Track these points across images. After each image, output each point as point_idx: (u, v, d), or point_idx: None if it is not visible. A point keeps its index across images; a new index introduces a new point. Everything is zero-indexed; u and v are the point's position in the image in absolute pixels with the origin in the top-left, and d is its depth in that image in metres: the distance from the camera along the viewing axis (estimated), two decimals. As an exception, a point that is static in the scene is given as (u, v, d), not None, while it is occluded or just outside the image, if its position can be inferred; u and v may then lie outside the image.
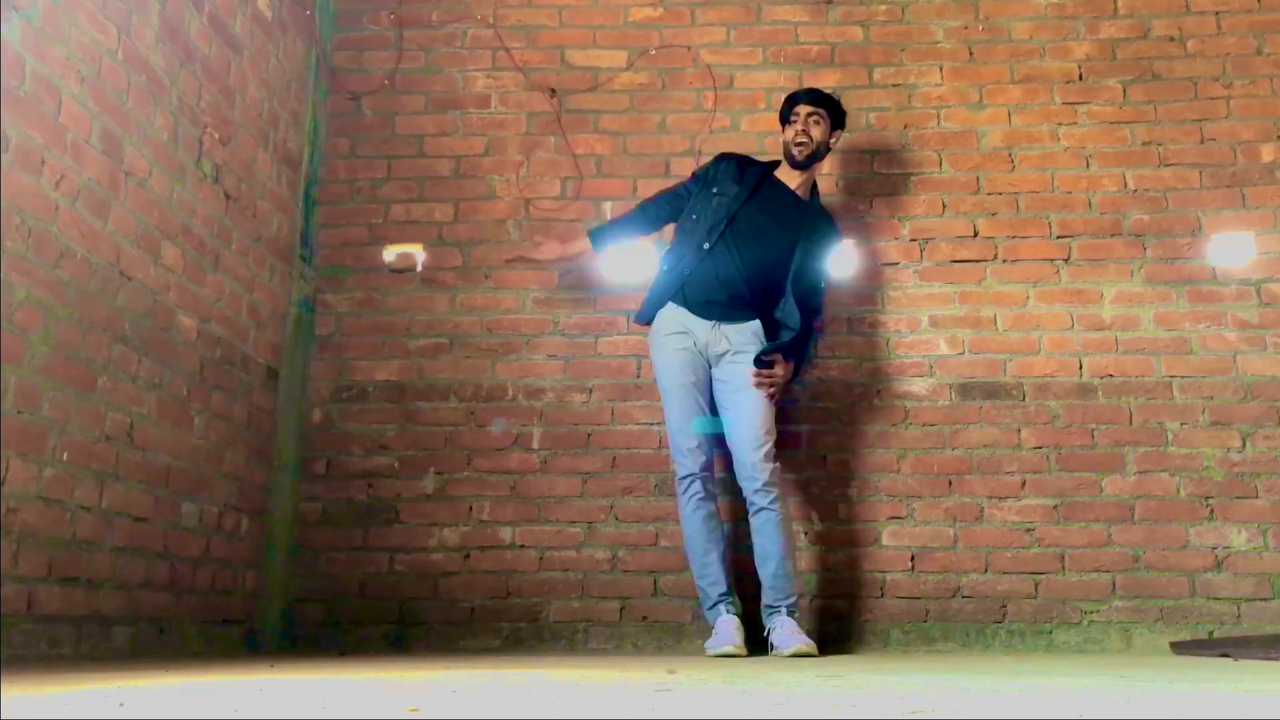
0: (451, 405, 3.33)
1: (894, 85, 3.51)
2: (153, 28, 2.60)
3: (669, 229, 3.17)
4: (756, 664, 2.27)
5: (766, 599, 2.82)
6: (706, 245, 2.96)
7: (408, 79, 3.59)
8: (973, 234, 3.39)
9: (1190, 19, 3.49)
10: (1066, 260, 3.34)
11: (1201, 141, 3.39)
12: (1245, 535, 3.08)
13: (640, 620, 3.15)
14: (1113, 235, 3.35)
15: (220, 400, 2.90)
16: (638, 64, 3.57)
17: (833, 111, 3.07)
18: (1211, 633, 3.02)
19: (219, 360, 2.90)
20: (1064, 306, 3.30)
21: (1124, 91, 3.46)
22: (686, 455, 2.87)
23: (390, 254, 3.45)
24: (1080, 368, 3.25)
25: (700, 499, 2.86)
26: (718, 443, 2.95)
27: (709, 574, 2.85)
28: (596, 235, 3.17)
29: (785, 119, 3.08)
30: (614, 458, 3.25)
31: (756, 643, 2.80)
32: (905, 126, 3.48)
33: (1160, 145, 3.40)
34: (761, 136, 3.47)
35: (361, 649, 3.11)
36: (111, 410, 2.40)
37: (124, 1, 2.47)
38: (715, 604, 2.84)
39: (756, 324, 2.97)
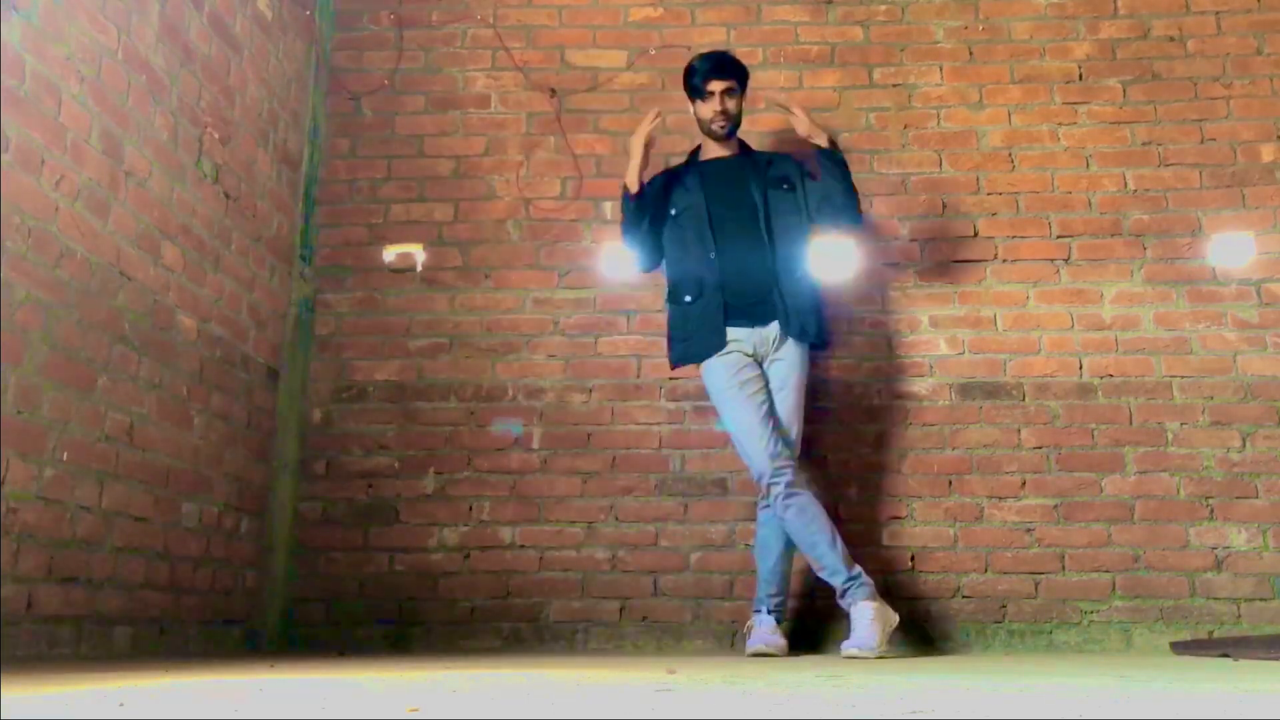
0: (451, 405, 3.33)
1: (894, 85, 3.51)
2: (153, 28, 2.60)
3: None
4: (756, 664, 2.27)
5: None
6: (712, 255, 2.93)
7: (408, 79, 3.59)
8: (973, 234, 3.39)
9: (1190, 19, 3.49)
10: (1066, 260, 3.34)
11: (1201, 141, 3.39)
12: (1245, 535, 3.08)
13: (640, 620, 3.15)
14: (1113, 235, 3.35)
15: (220, 400, 2.90)
16: (638, 64, 3.57)
17: (742, 78, 3.07)
18: (1211, 633, 3.02)
19: (219, 360, 2.90)
20: (1064, 306, 3.30)
21: (1124, 91, 3.46)
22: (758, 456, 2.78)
23: (390, 254, 3.45)
24: (1080, 368, 3.25)
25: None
26: None
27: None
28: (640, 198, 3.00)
29: (698, 93, 3.03)
30: (614, 458, 3.25)
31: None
32: (905, 126, 3.48)
33: (1160, 145, 3.40)
34: (762, 136, 3.46)
35: (361, 649, 3.11)
36: (111, 410, 2.40)
37: (124, 1, 2.47)
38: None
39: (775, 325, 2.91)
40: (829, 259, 3.18)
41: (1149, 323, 3.27)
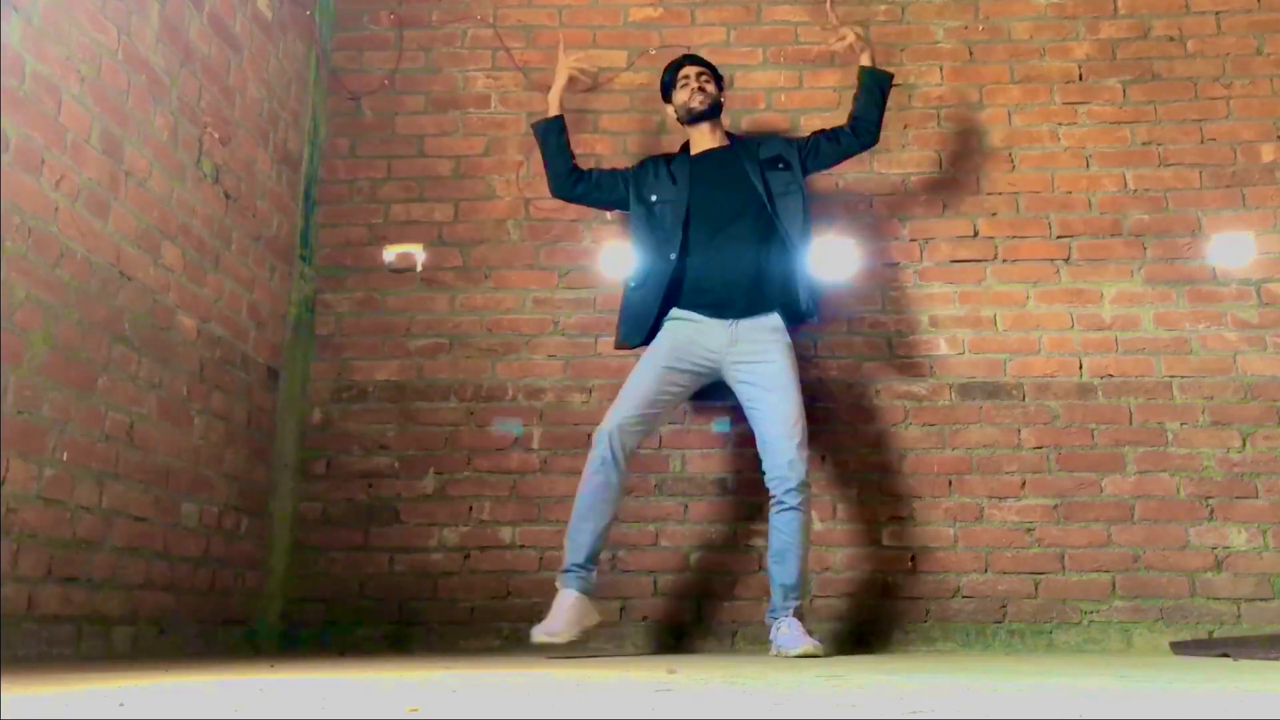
0: (451, 405, 3.32)
1: (894, 85, 3.50)
2: (153, 28, 2.60)
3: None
4: (757, 664, 2.27)
5: (777, 600, 2.73)
6: (673, 256, 2.88)
7: (408, 79, 3.59)
8: (973, 234, 3.39)
9: (1190, 19, 3.49)
10: (1066, 260, 3.34)
11: (1201, 141, 3.39)
12: (1245, 535, 3.08)
13: (640, 620, 3.15)
14: (1113, 235, 3.35)
15: (220, 400, 2.90)
16: (638, 64, 3.57)
17: (715, 72, 3.11)
18: (1211, 633, 3.02)
19: (219, 360, 2.90)
20: (1064, 306, 3.30)
21: (1124, 91, 3.46)
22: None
23: (390, 254, 3.45)
24: (1080, 368, 3.25)
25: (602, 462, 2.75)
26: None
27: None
28: (548, 125, 3.09)
29: (673, 86, 3.07)
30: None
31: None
32: (905, 126, 3.48)
33: (1160, 145, 3.40)
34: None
35: (361, 649, 3.11)
36: (111, 410, 2.40)
37: (124, 1, 2.47)
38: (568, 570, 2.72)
39: (775, 317, 2.87)
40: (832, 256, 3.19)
41: (1149, 323, 3.27)
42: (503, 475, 3.26)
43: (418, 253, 3.44)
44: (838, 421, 3.25)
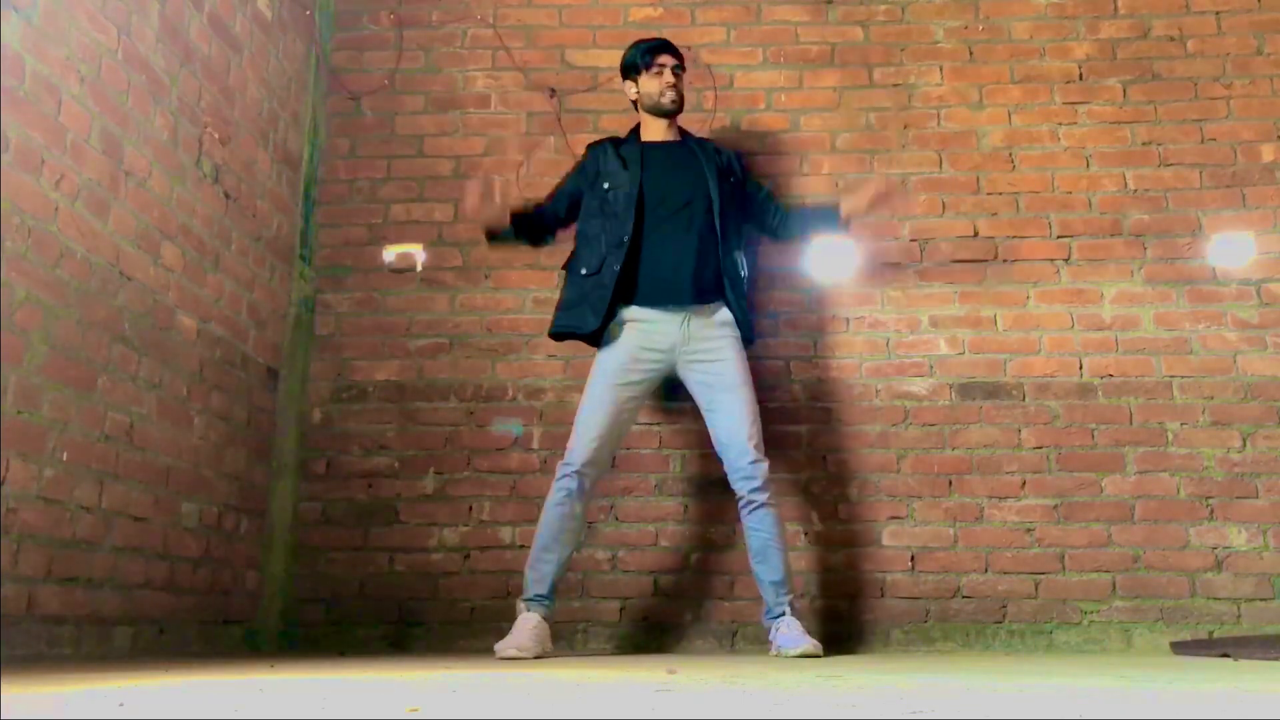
0: (451, 405, 3.33)
1: (894, 85, 3.51)
2: (153, 28, 2.60)
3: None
4: (757, 664, 2.27)
5: (770, 600, 2.74)
6: (626, 239, 2.85)
7: (408, 79, 3.59)
8: (973, 234, 3.39)
9: (1190, 19, 3.49)
10: (1066, 260, 3.34)
11: (1201, 141, 3.39)
12: (1245, 535, 3.08)
13: (640, 620, 3.15)
14: (1113, 235, 3.35)
15: (220, 400, 2.90)
16: (638, 64, 3.56)
17: (682, 64, 3.08)
18: (1211, 633, 3.02)
19: (219, 360, 2.90)
20: (1064, 306, 3.30)
21: (1124, 91, 3.46)
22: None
23: (390, 254, 3.45)
24: (1080, 368, 3.25)
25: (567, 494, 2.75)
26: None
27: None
28: (517, 221, 2.94)
29: (644, 67, 3.01)
30: (614, 457, 3.24)
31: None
32: (905, 126, 3.48)
33: (1160, 145, 3.40)
34: (762, 137, 3.46)
35: (361, 649, 3.11)
36: (111, 410, 2.40)
37: (124, 1, 2.47)
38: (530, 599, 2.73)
39: (725, 311, 2.87)
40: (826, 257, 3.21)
41: (1149, 323, 3.27)
42: (503, 475, 3.26)
43: (418, 253, 3.45)
44: (838, 421, 3.25)
